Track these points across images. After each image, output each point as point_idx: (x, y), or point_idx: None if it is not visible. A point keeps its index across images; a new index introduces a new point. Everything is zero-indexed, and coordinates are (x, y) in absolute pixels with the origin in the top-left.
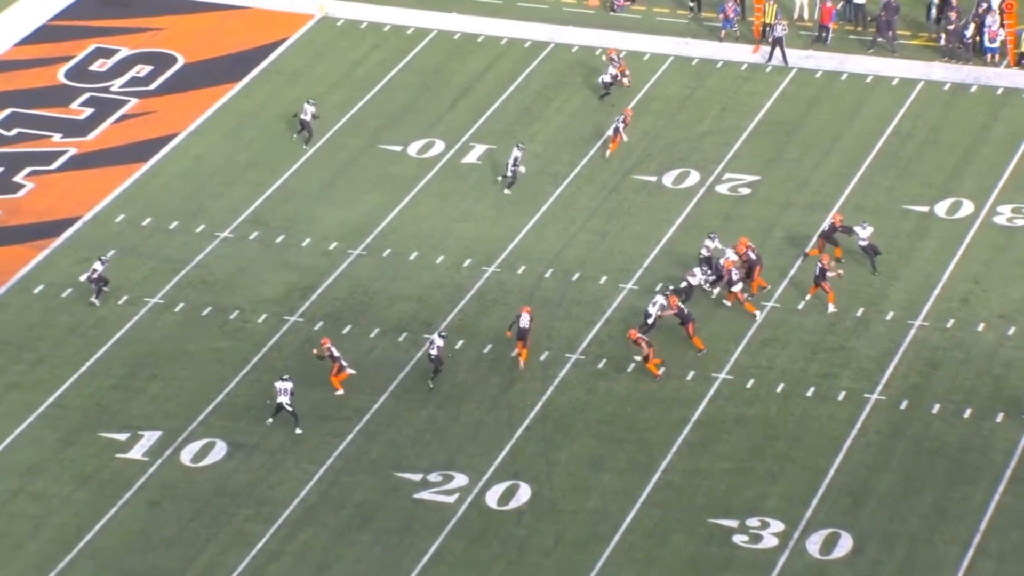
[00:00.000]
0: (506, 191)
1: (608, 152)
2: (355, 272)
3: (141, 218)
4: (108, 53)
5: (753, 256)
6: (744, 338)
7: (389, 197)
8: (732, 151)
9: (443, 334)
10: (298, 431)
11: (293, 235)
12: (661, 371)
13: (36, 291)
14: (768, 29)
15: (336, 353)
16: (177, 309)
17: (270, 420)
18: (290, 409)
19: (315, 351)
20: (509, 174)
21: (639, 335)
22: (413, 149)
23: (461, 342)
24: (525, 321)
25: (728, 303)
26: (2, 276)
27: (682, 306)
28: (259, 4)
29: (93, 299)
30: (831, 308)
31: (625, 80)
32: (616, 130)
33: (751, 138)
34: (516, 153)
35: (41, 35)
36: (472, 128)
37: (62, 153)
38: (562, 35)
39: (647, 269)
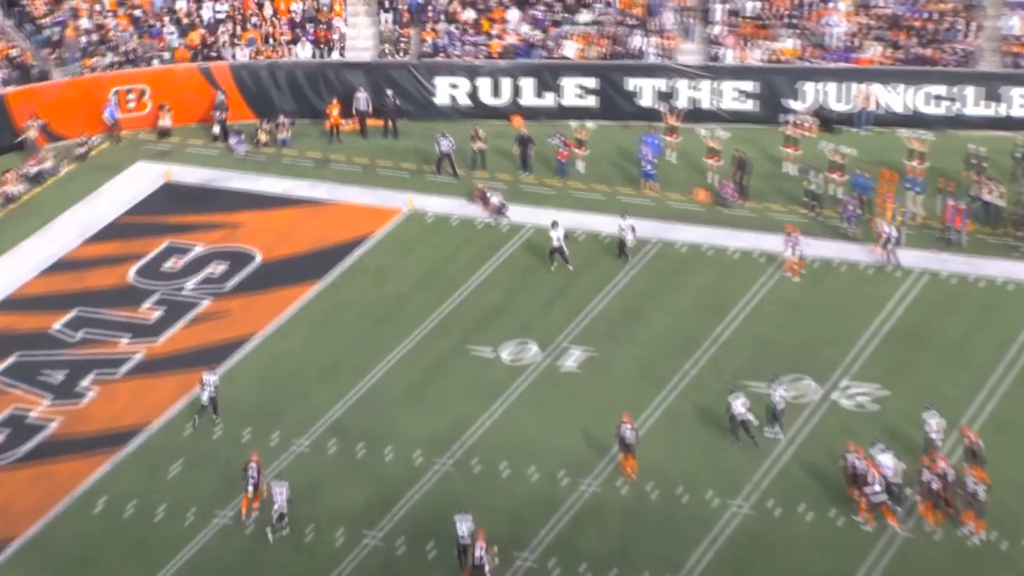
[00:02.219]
0: (569, 266)
1: (791, 273)
2: (441, 486)
3: (212, 426)
4: (182, 251)
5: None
6: (865, 560)
7: (478, 405)
8: (853, 358)
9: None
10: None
11: (374, 445)
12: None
13: (98, 506)
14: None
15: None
16: (248, 528)
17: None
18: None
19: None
20: (556, 247)
21: None
22: (505, 353)
23: (553, 560)
24: (629, 435)
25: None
26: (63, 489)
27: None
28: (343, 199)
29: (214, 416)
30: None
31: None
32: (796, 250)
33: (874, 345)
34: (557, 233)
35: (111, 231)
36: (569, 330)
37: (129, 358)
38: (668, 232)
39: (756, 485)
